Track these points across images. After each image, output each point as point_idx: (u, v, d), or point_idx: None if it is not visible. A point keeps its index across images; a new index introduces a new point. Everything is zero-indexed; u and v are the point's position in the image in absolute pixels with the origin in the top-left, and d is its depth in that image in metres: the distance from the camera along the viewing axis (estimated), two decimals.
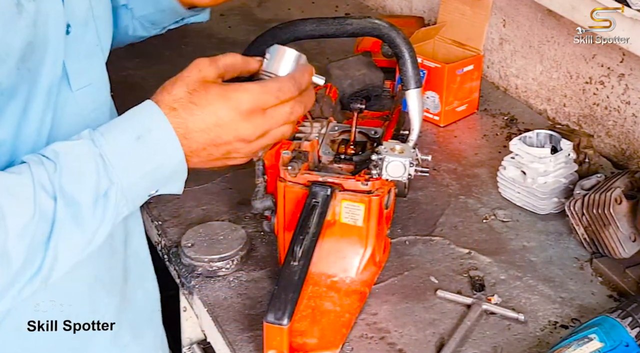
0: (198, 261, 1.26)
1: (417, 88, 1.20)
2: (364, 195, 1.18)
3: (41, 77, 0.91)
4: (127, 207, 0.90)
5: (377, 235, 1.21)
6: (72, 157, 0.86)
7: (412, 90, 1.19)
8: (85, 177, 0.86)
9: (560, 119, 1.74)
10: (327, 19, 1.21)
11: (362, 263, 1.21)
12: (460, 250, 1.33)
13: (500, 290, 1.24)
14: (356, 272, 1.21)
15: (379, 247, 1.24)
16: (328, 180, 1.19)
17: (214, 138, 0.94)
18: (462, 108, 1.74)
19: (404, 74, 1.19)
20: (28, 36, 0.87)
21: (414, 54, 1.19)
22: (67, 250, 0.85)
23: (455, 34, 1.79)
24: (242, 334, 1.15)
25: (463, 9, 1.77)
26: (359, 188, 1.18)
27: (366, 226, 1.19)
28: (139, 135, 0.90)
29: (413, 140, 1.20)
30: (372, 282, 1.23)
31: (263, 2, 2.34)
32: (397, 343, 1.14)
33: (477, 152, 1.63)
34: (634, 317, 1.07)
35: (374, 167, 1.16)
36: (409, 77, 1.19)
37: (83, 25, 0.98)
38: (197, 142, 0.94)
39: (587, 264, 1.31)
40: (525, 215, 1.43)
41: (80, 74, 0.98)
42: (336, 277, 1.21)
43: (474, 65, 1.72)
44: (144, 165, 0.90)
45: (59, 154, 0.86)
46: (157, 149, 0.91)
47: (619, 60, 1.56)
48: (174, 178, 0.94)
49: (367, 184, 1.18)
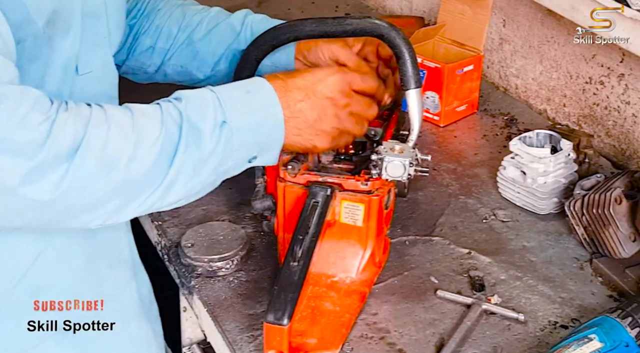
0: (198, 261, 1.26)
1: (417, 88, 1.19)
2: (364, 195, 1.18)
3: (60, 49, 0.97)
4: (232, 145, 0.98)
5: (377, 236, 1.21)
6: (195, 96, 0.99)
7: (412, 90, 1.19)
8: (205, 111, 0.97)
9: (560, 119, 1.74)
10: (326, 19, 1.21)
11: (361, 263, 1.21)
12: (460, 250, 1.33)
13: (500, 290, 1.24)
14: (356, 272, 1.21)
15: (379, 247, 1.24)
16: (328, 180, 1.19)
17: (311, 96, 1.07)
18: (462, 108, 1.74)
19: (403, 74, 1.19)
20: (54, 3, 0.93)
21: (413, 54, 1.19)
22: (185, 172, 0.94)
23: (455, 34, 1.79)
24: (242, 334, 1.15)
25: (463, 9, 1.77)
26: (358, 189, 1.18)
27: (366, 226, 1.19)
28: (248, 90, 1.03)
29: (413, 140, 1.20)
30: (372, 282, 1.23)
31: (263, 2, 2.34)
32: (397, 343, 1.14)
33: (477, 152, 1.63)
34: (634, 317, 1.07)
35: (373, 167, 1.16)
36: (408, 77, 1.18)
37: (95, 17, 1.04)
38: (295, 100, 1.06)
39: (587, 264, 1.31)
40: (525, 215, 1.43)
41: (86, 60, 1.03)
42: (336, 277, 1.21)
43: (474, 65, 1.72)
44: (251, 114, 1.01)
45: (183, 94, 0.99)
46: (261, 103, 1.03)
47: (619, 60, 1.56)
48: (271, 142, 1.04)
49: (367, 184, 1.18)
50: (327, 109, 1.09)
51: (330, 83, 1.10)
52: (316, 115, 1.08)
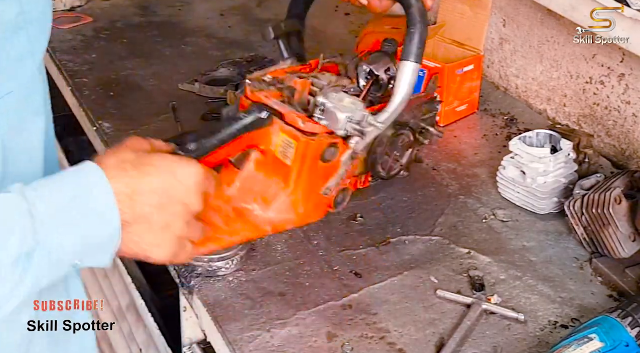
0: (198, 261, 1.26)
1: (416, 63, 1.14)
2: (300, 134, 1.12)
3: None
4: (48, 276, 0.82)
5: (307, 185, 1.15)
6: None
7: (410, 62, 1.14)
8: (8, 234, 0.77)
9: (561, 119, 1.74)
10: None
11: (277, 202, 1.14)
12: (460, 250, 1.33)
13: (500, 290, 1.24)
14: (268, 209, 1.14)
15: (307, 199, 1.17)
16: (273, 106, 1.14)
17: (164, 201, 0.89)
18: (462, 108, 1.74)
19: (406, 45, 1.13)
20: None
21: (425, 31, 1.14)
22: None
23: (455, 34, 1.79)
24: (242, 334, 1.15)
25: (463, 9, 1.77)
26: (297, 125, 1.12)
27: (294, 167, 1.13)
28: (76, 195, 0.83)
29: (388, 112, 1.14)
30: (282, 228, 1.18)
31: (263, 2, 2.34)
32: (397, 343, 1.14)
33: (477, 152, 1.63)
34: (634, 317, 1.07)
35: (316, 109, 1.12)
36: (410, 49, 1.13)
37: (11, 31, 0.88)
38: (144, 204, 0.87)
39: (587, 264, 1.31)
40: (525, 215, 1.43)
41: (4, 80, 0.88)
42: (249, 206, 1.14)
43: (474, 65, 1.72)
44: (77, 227, 0.82)
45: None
46: (94, 212, 0.84)
47: (619, 60, 1.56)
48: (105, 247, 0.87)
49: (306, 124, 1.12)
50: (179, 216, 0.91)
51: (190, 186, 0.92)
52: (164, 222, 0.90)
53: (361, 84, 1.30)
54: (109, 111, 1.71)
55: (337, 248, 1.32)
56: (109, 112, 1.71)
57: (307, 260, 1.30)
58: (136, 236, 0.88)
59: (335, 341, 1.14)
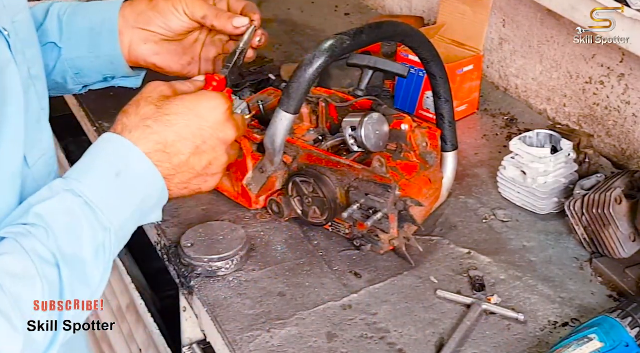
0: (198, 261, 1.26)
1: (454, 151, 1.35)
2: None
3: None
4: (119, 247, 0.86)
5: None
6: (58, 215, 0.81)
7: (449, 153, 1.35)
8: (79, 232, 0.81)
9: (561, 119, 1.74)
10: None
11: None
12: (460, 250, 1.33)
13: (500, 290, 1.24)
14: None
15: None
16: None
17: (199, 144, 0.91)
18: (462, 108, 1.74)
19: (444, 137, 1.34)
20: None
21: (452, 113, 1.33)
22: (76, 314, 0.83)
23: (455, 34, 1.79)
24: (242, 334, 1.15)
25: (463, 9, 1.77)
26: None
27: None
28: (117, 172, 0.85)
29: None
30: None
31: (263, 2, 2.34)
32: (397, 343, 1.14)
33: (477, 152, 1.63)
34: (634, 317, 1.07)
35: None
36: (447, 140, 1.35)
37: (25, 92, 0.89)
38: (179, 154, 0.90)
39: (587, 264, 1.31)
40: (525, 215, 1.43)
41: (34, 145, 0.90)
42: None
43: (474, 65, 1.72)
44: (131, 201, 0.86)
45: (43, 216, 0.80)
46: (138, 181, 0.86)
47: (619, 60, 1.56)
48: (157, 205, 0.90)
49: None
50: (217, 149, 0.95)
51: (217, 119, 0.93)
52: (206, 161, 0.94)
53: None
54: (109, 111, 1.71)
55: (337, 248, 1.32)
56: (109, 112, 1.70)
57: (307, 260, 1.30)
58: (182, 183, 0.92)
59: (335, 341, 1.14)
